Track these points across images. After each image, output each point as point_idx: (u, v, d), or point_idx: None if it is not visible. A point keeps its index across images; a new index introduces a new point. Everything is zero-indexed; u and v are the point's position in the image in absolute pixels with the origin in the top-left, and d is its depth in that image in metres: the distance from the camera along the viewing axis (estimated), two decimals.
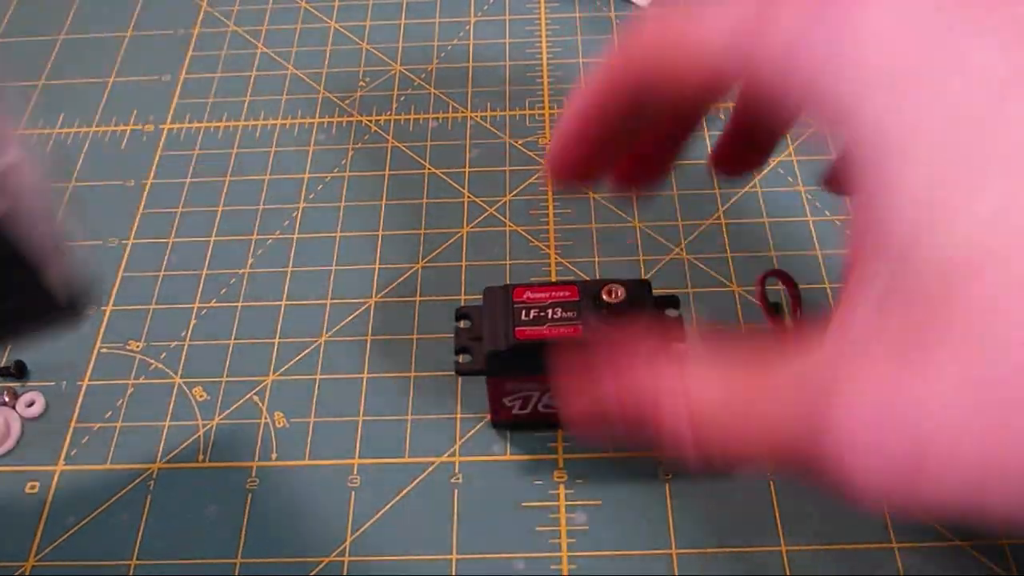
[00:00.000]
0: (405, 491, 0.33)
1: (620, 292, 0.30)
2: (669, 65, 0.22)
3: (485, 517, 0.33)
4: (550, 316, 0.30)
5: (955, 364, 0.16)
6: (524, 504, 0.33)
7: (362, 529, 0.33)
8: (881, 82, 0.18)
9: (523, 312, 0.31)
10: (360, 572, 0.32)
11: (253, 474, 0.34)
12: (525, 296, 0.31)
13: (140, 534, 0.33)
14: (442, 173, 0.43)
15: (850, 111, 0.18)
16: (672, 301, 0.32)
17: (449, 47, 0.50)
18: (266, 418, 0.36)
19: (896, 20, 0.18)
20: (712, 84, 0.22)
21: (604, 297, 0.30)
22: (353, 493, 0.33)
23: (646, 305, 0.31)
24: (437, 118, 0.46)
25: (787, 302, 0.38)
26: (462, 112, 0.46)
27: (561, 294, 0.31)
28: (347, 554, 0.32)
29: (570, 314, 0.30)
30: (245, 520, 0.33)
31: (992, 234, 0.16)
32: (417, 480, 0.34)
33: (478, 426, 0.35)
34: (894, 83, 0.18)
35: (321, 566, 0.32)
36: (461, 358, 0.32)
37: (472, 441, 0.35)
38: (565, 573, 0.31)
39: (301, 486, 0.34)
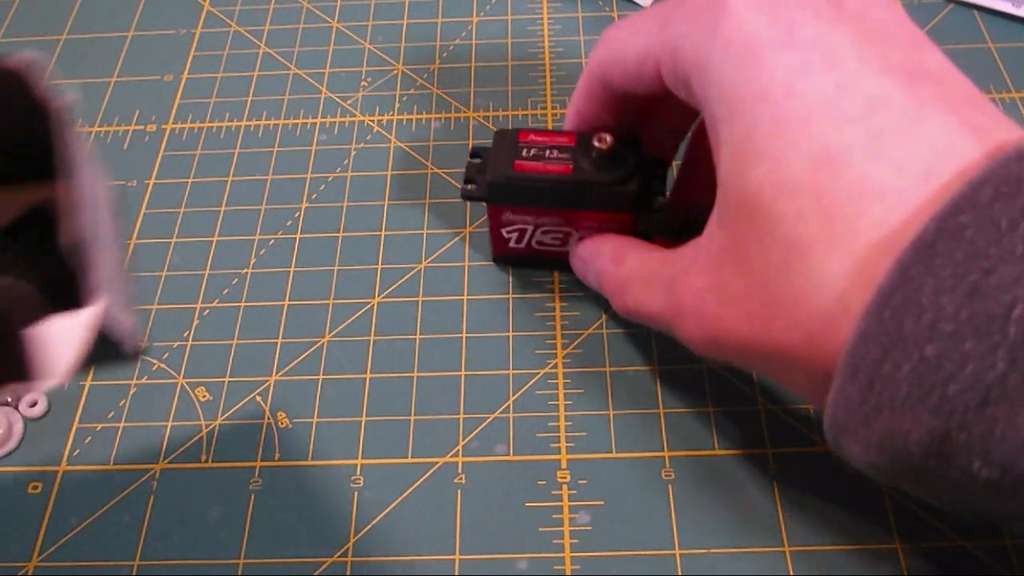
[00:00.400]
0: (408, 491, 0.33)
1: (609, 139, 0.34)
2: (618, 68, 0.30)
3: (488, 518, 0.33)
4: (547, 155, 0.35)
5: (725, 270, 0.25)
6: (527, 504, 0.33)
7: (365, 529, 0.33)
8: (726, 59, 0.25)
9: (524, 150, 0.35)
10: (363, 572, 0.32)
11: (256, 474, 0.34)
12: (529, 138, 0.36)
13: (143, 535, 0.33)
14: (445, 173, 0.43)
15: (706, 83, 0.25)
16: (661, 162, 0.36)
17: (451, 47, 0.50)
18: (269, 418, 0.36)
19: (748, 18, 0.25)
20: (644, 79, 0.29)
21: (595, 143, 0.34)
22: (356, 493, 0.33)
23: (634, 158, 0.35)
24: (439, 118, 0.46)
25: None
26: (464, 112, 0.46)
27: (561, 140, 0.35)
28: (350, 554, 0.32)
29: (565, 155, 0.35)
30: (248, 520, 0.33)
31: (761, 189, 0.23)
32: (420, 480, 0.34)
33: (481, 426, 0.35)
34: (736, 60, 0.24)
35: (324, 567, 0.32)
36: (468, 186, 0.36)
37: (475, 441, 0.35)
38: (568, 573, 0.31)
39: (304, 486, 0.34)
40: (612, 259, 0.33)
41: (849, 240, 0.21)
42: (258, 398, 0.36)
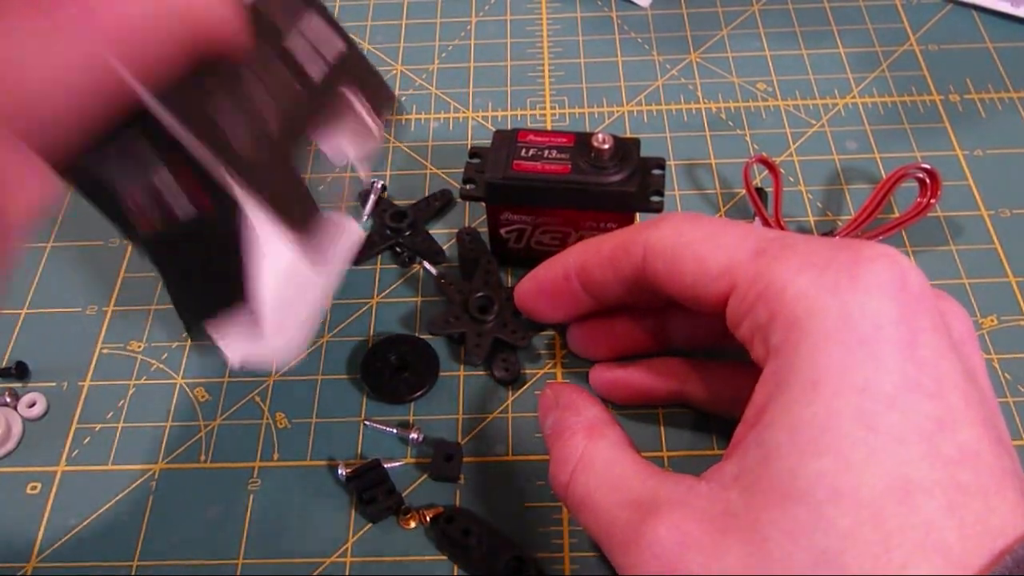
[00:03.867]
0: (408, 491, 0.33)
1: (609, 140, 0.34)
2: (670, 267, 0.27)
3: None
4: (546, 155, 0.35)
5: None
6: (527, 505, 0.33)
7: (364, 529, 0.33)
8: (835, 333, 0.23)
9: (523, 150, 0.35)
10: (362, 572, 0.32)
11: (255, 474, 0.34)
12: (528, 138, 0.35)
13: (142, 535, 0.33)
14: (444, 173, 0.43)
15: (795, 342, 0.23)
16: (658, 162, 0.35)
17: (450, 47, 0.50)
18: (268, 419, 0.36)
19: (876, 301, 0.23)
20: (705, 296, 0.27)
21: (594, 144, 0.34)
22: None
23: (633, 159, 0.34)
24: (438, 118, 0.46)
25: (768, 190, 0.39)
26: (463, 112, 0.46)
27: (560, 140, 0.35)
28: (349, 554, 0.32)
29: (563, 156, 0.35)
30: (247, 520, 0.33)
31: (815, 485, 0.21)
32: (419, 481, 0.34)
33: (481, 427, 0.35)
34: (847, 340, 0.23)
35: (323, 566, 0.32)
36: (466, 186, 0.36)
37: (475, 442, 0.35)
38: (567, 573, 0.31)
39: (303, 487, 0.34)
40: (589, 427, 0.28)
41: None
42: (257, 398, 0.36)
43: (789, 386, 0.23)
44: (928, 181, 0.39)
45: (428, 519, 0.32)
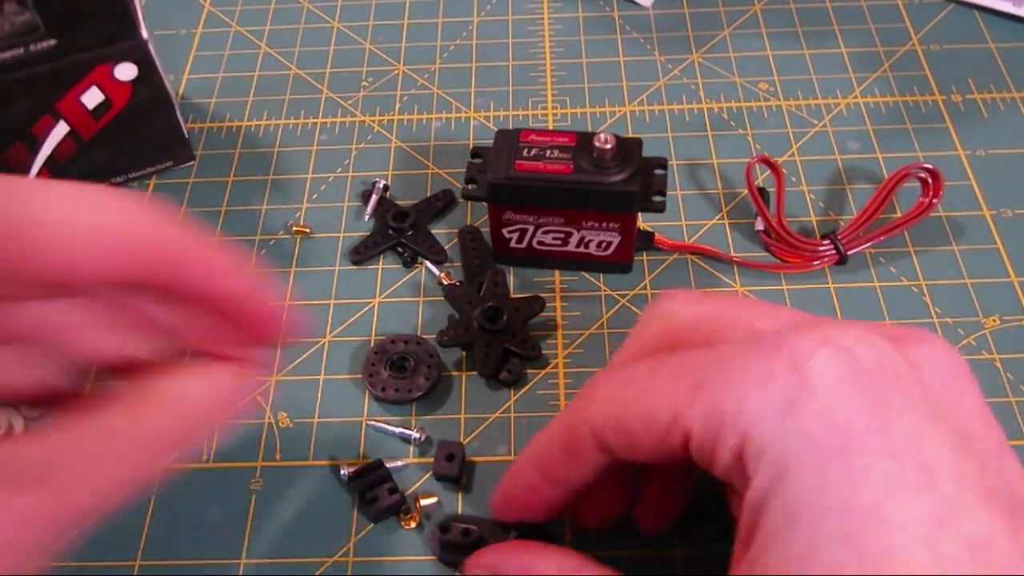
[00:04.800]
0: (409, 491, 0.33)
1: (611, 140, 0.34)
2: (623, 432, 0.24)
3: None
4: (548, 155, 0.35)
5: None
6: None
7: (366, 530, 0.33)
8: (803, 455, 0.20)
9: (525, 150, 0.35)
10: (364, 572, 0.32)
11: (257, 475, 0.34)
12: (530, 138, 0.35)
13: (144, 535, 0.33)
14: (445, 173, 0.43)
15: (768, 473, 0.21)
16: (660, 162, 0.35)
17: (452, 47, 0.50)
18: (270, 418, 0.36)
19: (837, 403, 0.21)
20: (664, 450, 0.24)
21: (596, 143, 0.34)
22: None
23: (635, 158, 0.34)
24: (440, 118, 0.46)
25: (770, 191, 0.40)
26: (465, 112, 0.46)
27: (561, 140, 0.35)
28: (351, 555, 0.32)
29: (565, 156, 0.35)
30: (249, 521, 0.33)
31: None
32: (421, 480, 0.34)
33: (482, 427, 0.35)
34: (816, 458, 0.20)
35: (325, 567, 0.32)
36: (468, 186, 0.36)
37: (477, 442, 0.35)
38: None
39: (305, 487, 0.34)
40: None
41: None
42: (259, 398, 0.36)
43: (770, 517, 0.21)
44: (930, 181, 0.39)
45: (419, 521, 0.32)
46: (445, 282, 0.38)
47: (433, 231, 0.41)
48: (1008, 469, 0.22)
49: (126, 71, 0.39)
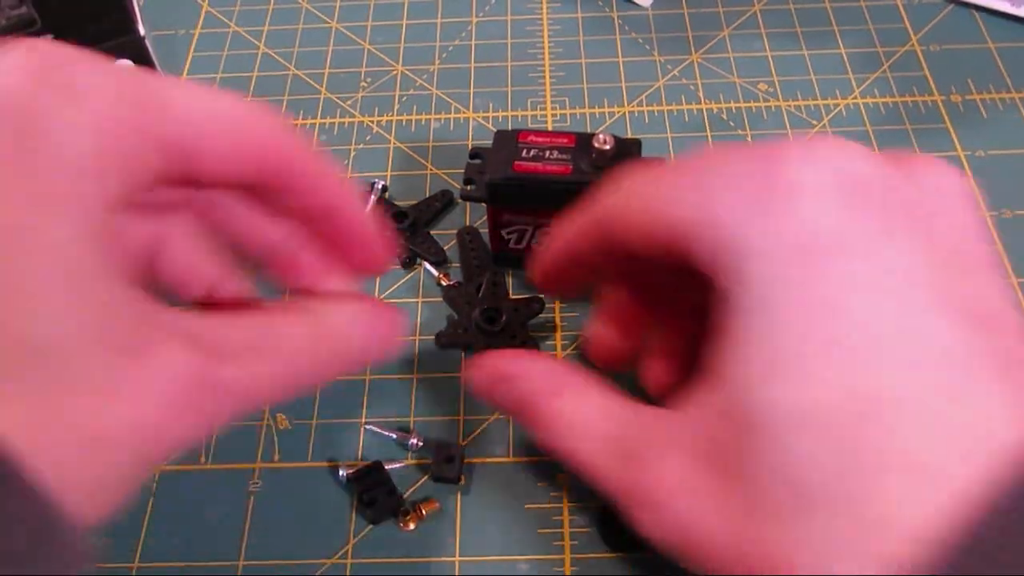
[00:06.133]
0: (408, 492, 0.33)
1: (610, 140, 0.34)
2: (623, 222, 0.25)
3: (488, 519, 0.33)
4: (547, 156, 0.35)
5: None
6: (527, 506, 0.33)
7: (365, 531, 0.33)
8: (775, 252, 0.21)
9: (524, 151, 0.35)
10: (362, 574, 0.32)
11: (255, 476, 0.34)
12: (529, 139, 0.35)
13: (142, 536, 0.33)
14: (444, 174, 0.43)
15: (739, 268, 0.21)
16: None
17: (451, 47, 0.50)
18: (268, 420, 0.36)
19: (812, 207, 0.21)
20: (653, 241, 0.24)
21: (595, 144, 0.34)
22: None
23: (634, 159, 0.34)
24: (439, 119, 0.46)
25: None
26: (464, 113, 0.46)
27: (561, 140, 0.35)
28: (350, 556, 0.32)
29: (565, 156, 0.35)
30: (247, 522, 0.33)
31: (776, 414, 0.20)
32: (420, 482, 0.34)
33: (481, 428, 0.35)
34: (787, 256, 0.21)
35: (324, 568, 0.32)
36: (467, 187, 0.36)
37: (476, 443, 0.35)
38: (568, 573, 0.31)
39: (303, 488, 0.34)
40: (547, 388, 0.26)
41: (869, 515, 0.18)
42: None
43: (743, 311, 0.21)
44: None
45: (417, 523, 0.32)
46: (444, 283, 0.38)
47: (432, 232, 0.41)
48: (987, 282, 0.21)
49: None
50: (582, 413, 0.25)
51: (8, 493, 0.16)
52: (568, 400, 0.25)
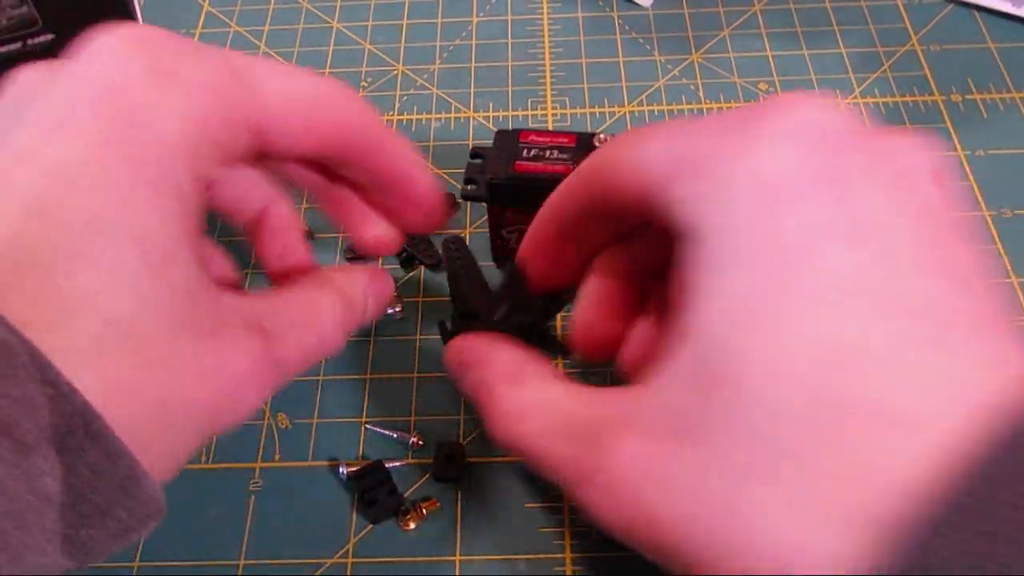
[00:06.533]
0: (409, 491, 0.33)
1: (609, 139, 0.34)
2: (608, 186, 0.24)
3: (489, 518, 0.33)
4: (548, 156, 0.35)
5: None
6: (528, 505, 0.33)
7: (366, 530, 0.33)
8: (747, 196, 0.20)
9: (525, 150, 0.35)
10: (363, 573, 0.32)
11: (256, 475, 0.34)
12: (530, 139, 0.36)
13: (142, 536, 0.33)
14: (445, 173, 0.43)
15: (707, 216, 0.21)
16: None
17: (451, 47, 0.50)
18: (269, 419, 0.36)
19: (784, 151, 0.20)
20: (629, 192, 0.24)
21: (596, 144, 0.34)
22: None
23: None
24: (439, 118, 0.46)
25: None
26: (464, 112, 0.46)
27: (561, 140, 0.35)
28: (350, 555, 0.32)
29: (565, 156, 0.35)
30: (248, 521, 0.33)
31: (747, 366, 0.19)
32: (420, 481, 0.34)
33: (481, 427, 0.35)
34: (757, 199, 0.20)
35: (325, 567, 0.32)
36: (468, 187, 0.36)
37: (476, 442, 0.35)
38: (568, 573, 0.31)
39: (304, 487, 0.34)
40: (506, 375, 0.25)
41: (843, 466, 0.18)
42: None
43: (703, 265, 0.20)
44: None
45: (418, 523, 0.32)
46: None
47: (433, 233, 0.41)
48: (961, 245, 0.21)
49: None
50: (541, 400, 0.24)
51: (97, 450, 0.19)
52: (528, 389, 0.24)
